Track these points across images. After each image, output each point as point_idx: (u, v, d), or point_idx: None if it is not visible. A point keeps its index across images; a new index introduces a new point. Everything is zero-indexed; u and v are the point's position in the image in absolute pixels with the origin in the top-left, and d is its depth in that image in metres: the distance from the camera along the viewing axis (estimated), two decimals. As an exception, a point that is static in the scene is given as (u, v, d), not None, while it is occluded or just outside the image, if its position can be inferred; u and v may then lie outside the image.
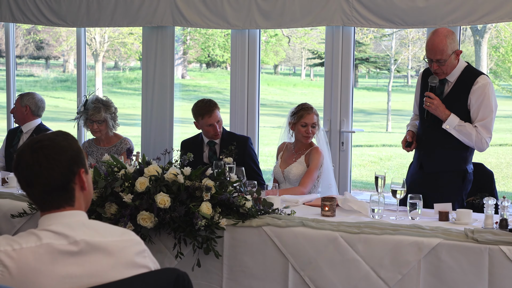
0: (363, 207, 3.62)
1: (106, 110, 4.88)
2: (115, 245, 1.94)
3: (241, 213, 3.41)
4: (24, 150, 1.90)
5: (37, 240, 1.83)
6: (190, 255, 3.42)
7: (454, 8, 4.76)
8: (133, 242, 1.98)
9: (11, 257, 1.80)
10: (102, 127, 4.89)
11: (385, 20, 4.95)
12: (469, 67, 3.94)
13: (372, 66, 19.61)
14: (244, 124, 5.57)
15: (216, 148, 4.59)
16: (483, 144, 3.86)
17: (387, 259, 3.18)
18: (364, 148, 13.52)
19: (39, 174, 1.88)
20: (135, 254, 1.97)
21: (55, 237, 1.85)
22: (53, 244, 1.83)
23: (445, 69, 3.87)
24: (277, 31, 17.34)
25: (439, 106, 3.87)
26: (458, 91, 3.89)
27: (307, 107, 4.39)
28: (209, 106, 4.54)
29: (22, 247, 1.81)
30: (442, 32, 3.88)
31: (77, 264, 1.85)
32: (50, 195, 1.90)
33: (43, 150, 1.88)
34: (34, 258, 1.81)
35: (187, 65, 21.99)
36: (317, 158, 4.31)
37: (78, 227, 1.90)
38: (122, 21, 5.72)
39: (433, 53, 3.84)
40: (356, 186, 10.56)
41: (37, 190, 1.90)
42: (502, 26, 13.61)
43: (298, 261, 3.32)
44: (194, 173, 3.43)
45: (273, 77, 22.95)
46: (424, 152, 4.04)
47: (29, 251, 1.81)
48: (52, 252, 1.83)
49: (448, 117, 3.85)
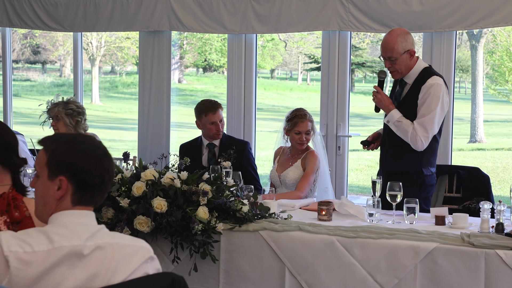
0: (360, 211, 3.63)
1: (63, 106, 4.73)
2: (123, 248, 1.94)
3: (237, 217, 3.41)
4: (95, 142, 2.01)
5: (49, 243, 1.83)
6: (187, 260, 3.42)
7: (450, 13, 4.78)
8: (143, 249, 1.98)
9: (22, 260, 1.79)
10: (59, 124, 4.72)
11: (381, 24, 4.97)
12: (427, 69, 3.95)
13: (368, 70, 19.65)
14: (240, 128, 5.58)
15: (216, 150, 4.59)
16: (417, 142, 3.84)
17: (384, 263, 3.19)
18: (360, 153, 13.54)
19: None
20: (142, 260, 1.97)
21: (67, 238, 1.86)
22: (64, 247, 1.84)
23: (398, 67, 3.90)
24: (274, 36, 17.37)
25: (382, 100, 3.94)
26: (412, 92, 3.93)
27: (301, 114, 4.36)
28: (214, 104, 4.56)
29: (34, 250, 1.81)
30: (396, 31, 3.96)
31: (82, 267, 1.85)
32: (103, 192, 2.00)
33: (103, 148, 2.00)
34: (44, 262, 1.81)
35: (184, 69, 22.01)
36: (313, 162, 4.32)
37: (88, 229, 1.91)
38: (119, 25, 5.73)
39: (384, 51, 3.93)
40: (352, 191, 10.57)
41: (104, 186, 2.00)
42: (498, 31, 13.65)
43: (295, 266, 3.32)
44: (191, 178, 3.43)
45: (270, 81, 22.97)
46: (384, 151, 4.10)
47: (41, 255, 1.81)
48: (63, 257, 1.83)
49: (390, 112, 3.90)
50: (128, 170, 3.53)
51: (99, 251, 1.88)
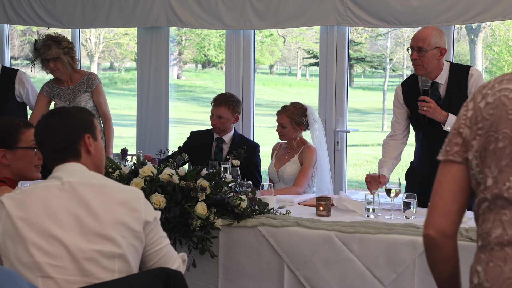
0: (358, 206, 3.63)
1: (57, 46, 4.74)
2: (111, 188, 2.16)
3: (236, 213, 3.42)
4: (42, 117, 2.29)
5: (36, 184, 2.20)
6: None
7: (447, 7, 4.77)
8: (132, 190, 2.19)
9: (13, 198, 2.13)
10: (59, 64, 4.76)
11: (379, 19, 4.96)
12: (453, 65, 3.93)
13: (367, 65, 19.62)
14: (239, 124, 5.58)
15: (224, 146, 4.60)
16: None
17: (382, 258, 3.20)
18: (359, 148, 13.55)
19: (49, 134, 2.23)
20: (130, 197, 2.15)
21: (52, 180, 2.18)
22: (48, 185, 2.17)
23: (425, 62, 3.78)
24: (273, 31, 17.33)
25: (436, 108, 3.79)
26: (454, 90, 3.85)
27: (283, 106, 4.43)
28: (221, 99, 4.57)
29: (22, 190, 2.16)
30: (432, 26, 3.93)
31: (66, 196, 2.14)
32: (57, 153, 2.23)
33: (55, 116, 2.28)
34: (34, 189, 2.16)
35: (183, 65, 21.98)
36: (310, 156, 4.32)
37: (77, 173, 2.19)
38: (117, 21, 5.72)
39: (415, 40, 3.80)
40: (351, 186, 10.58)
41: (47, 148, 2.25)
42: (497, 25, 13.64)
43: (293, 261, 3.33)
44: (189, 174, 3.44)
45: (269, 77, 22.94)
46: (423, 153, 3.98)
47: (29, 190, 2.16)
48: (48, 188, 2.16)
49: (446, 118, 3.77)
50: (126, 167, 3.53)
51: (80, 186, 2.17)
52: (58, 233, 2.06)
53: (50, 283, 2.03)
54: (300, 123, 4.36)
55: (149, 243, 2.17)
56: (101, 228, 2.07)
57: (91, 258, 2.05)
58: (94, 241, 2.06)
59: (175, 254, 2.27)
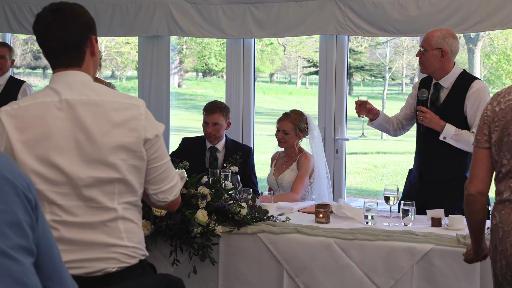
0: (357, 213, 3.66)
1: None
2: (110, 108, 2.10)
3: (236, 220, 3.45)
4: (44, 11, 2.13)
5: (33, 99, 2.11)
6: (186, 262, 3.45)
7: (446, 17, 4.82)
8: (132, 106, 2.16)
9: (11, 115, 2.07)
10: None
11: (378, 28, 5.00)
12: (464, 73, 3.94)
13: (367, 74, 19.67)
14: (239, 132, 5.61)
15: (218, 155, 4.61)
16: None
17: (381, 264, 3.22)
18: (359, 156, 13.56)
19: (57, 31, 2.11)
20: (130, 116, 2.12)
21: (50, 94, 2.10)
22: (46, 101, 2.09)
23: (425, 61, 3.87)
24: (273, 40, 17.39)
25: (432, 118, 3.85)
26: (453, 97, 3.89)
27: (285, 113, 4.45)
28: (213, 106, 4.57)
29: (20, 106, 2.09)
30: (442, 28, 3.98)
31: (65, 117, 2.08)
32: (64, 52, 2.13)
33: (62, 12, 2.12)
34: (31, 106, 2.09)
35: (184, 74, 22.02)
36: (306, 164, 4.36)
37: (77, 86, 2.11)
38: (119, 31, 5.77)
39: (422, 40, 3.94)
40: (350, 193, 10.60)
41: (54, 45, 2.13)
42: (495, 34, 13.69)
43: (293, 268, 3.35)
44: (190, 181, 3.47)
45: (269, 85, 22.98)
46: (423, 161, 4.02)
47: (26, 107, 2.08)
48: (45, 105, 2.08)
49: (443, 128, 3.82)
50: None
51: (77, 104, 2.10)
52: (59, 160, 2.04)
53: (54, 208, 2.06)
54: (302, 130, 4.42)
55: (149, 159, 2.16)
56: (99, 154, 2.06)
57: (90, 185, 2.06)
58: (92, 167, 2.06)
59: (174, 171, 2.28)
